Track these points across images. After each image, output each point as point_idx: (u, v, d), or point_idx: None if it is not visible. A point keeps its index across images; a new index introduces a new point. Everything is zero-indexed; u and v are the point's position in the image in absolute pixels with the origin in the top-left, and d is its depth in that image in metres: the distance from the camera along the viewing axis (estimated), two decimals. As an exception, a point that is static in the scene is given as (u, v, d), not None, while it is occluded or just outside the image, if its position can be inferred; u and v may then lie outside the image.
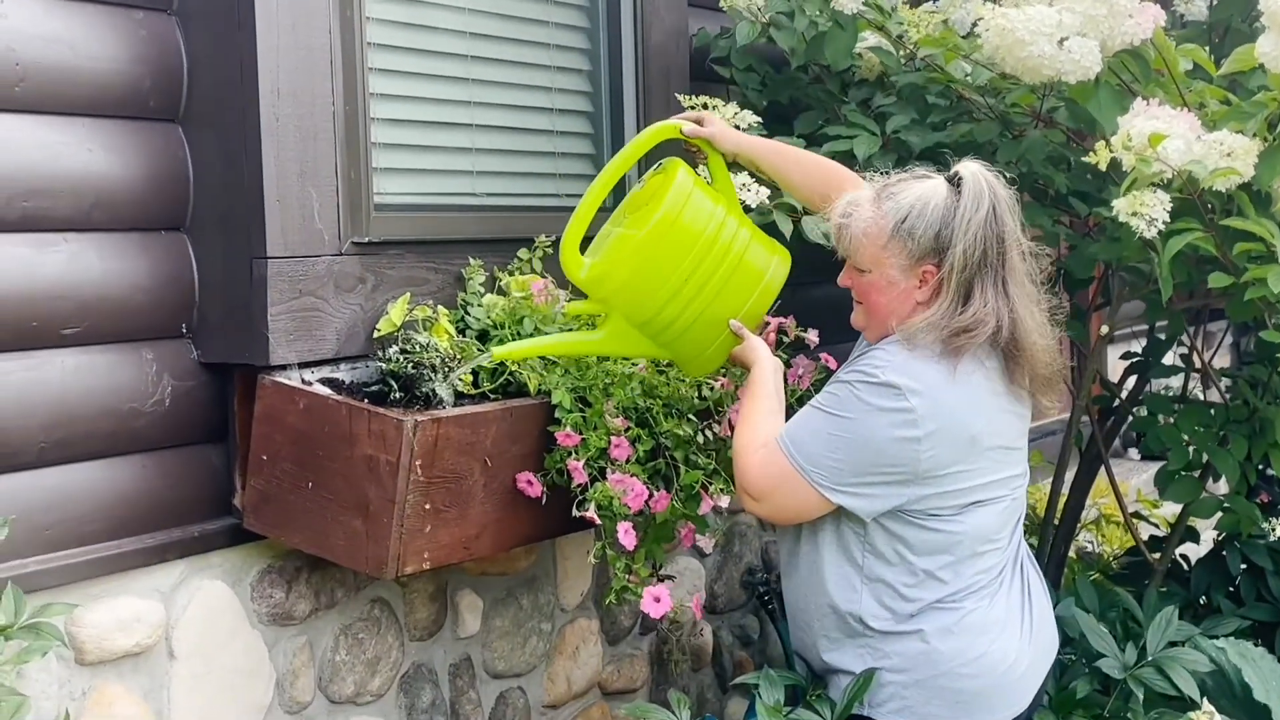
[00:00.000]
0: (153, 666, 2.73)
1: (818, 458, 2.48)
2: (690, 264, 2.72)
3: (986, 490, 2.51)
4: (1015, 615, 2.56)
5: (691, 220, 2.72)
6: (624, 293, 2.74)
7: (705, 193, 2.79)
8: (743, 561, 4.13)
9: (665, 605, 2.85)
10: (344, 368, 2.90)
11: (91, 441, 2.67)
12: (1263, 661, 3.17)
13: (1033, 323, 2.50)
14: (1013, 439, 2.55)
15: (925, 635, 2.50)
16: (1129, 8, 2.89)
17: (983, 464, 2.49)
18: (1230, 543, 4.00)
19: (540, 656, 3.53)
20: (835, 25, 3.35)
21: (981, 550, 2.52)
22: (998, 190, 2.48)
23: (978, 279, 2.45)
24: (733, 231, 2.76)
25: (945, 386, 2.44)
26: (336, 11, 2.86)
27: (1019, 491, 2.60)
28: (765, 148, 2.89)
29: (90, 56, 2.67)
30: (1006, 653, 2.52)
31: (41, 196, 2.59)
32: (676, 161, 2.83)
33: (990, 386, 2.48)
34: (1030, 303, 2.51)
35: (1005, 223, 2.47)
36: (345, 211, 2.89)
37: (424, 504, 2.71)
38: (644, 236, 2.71)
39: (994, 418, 2.49)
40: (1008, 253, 2.47)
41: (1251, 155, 2.68)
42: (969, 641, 2.49)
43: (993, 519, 2.52)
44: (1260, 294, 2.74)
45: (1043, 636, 2.63)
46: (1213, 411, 3.72)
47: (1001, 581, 2.56)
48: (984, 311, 2.44)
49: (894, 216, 2.48)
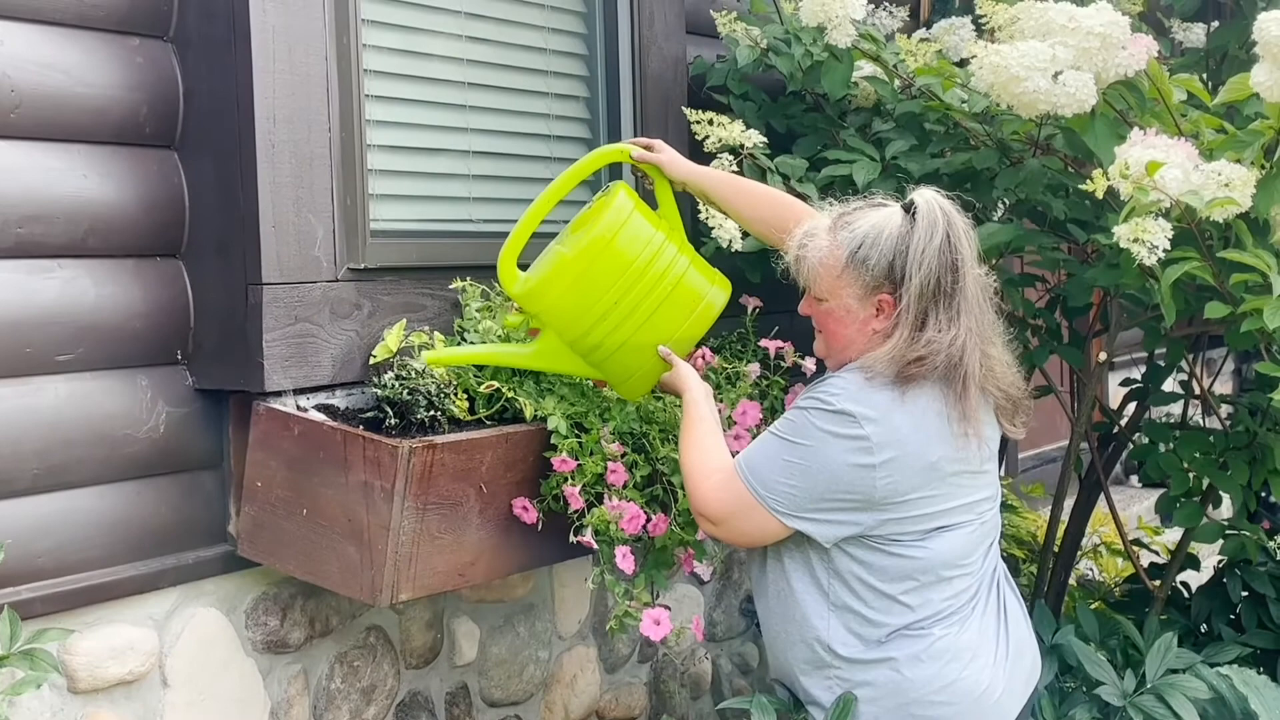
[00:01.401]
0: (146, 695, 2.72)
1: (774, 484, 2.47)
2: (621, 287, 2.76)
3: (951, 515, 2.49)
4: (989, 641, 2.54)
5: (626, 244, 2.76)
6: (555, 310, 2.79)
7: (646, 218, 2.82)
8: (742, 589, 4.11)
9: (665, 628, 2.83)
10: (339, 394, 2.89)
11: (85, 468, 2.66)
12: (1267, 690, 3.15)
13: (992, 349, 2.50)
14: (978, 463, 2.52)
15: (895, 663, 2.48)
16: (1122, 39, 2.89)
17: (945, 489, 2.47)
18: (1231, 570, 3.98)
19: (538, 685, 3.51)
20: (831, 57, 3.36)
21: (949, 575, 2.50)
22: (953, 218, 2.47)
23: (933, 307, 2.44)
24: (670, 258, 2.80)
25: (900, 413, 2.43)
26: (333, 38, 2.87)
27: (989, 515, 2.58)
28: (715, 179, 2.91)
29: (86, 83, 2.67)
30: (980, 679, 2.49)
31: (36, 222, 2.59)
32: (620, 185, 2.87)
33: (949, 413, 2.46)
34: (987, 328, 2.50)
35: (960, 250, 2.45)
36: (341, 237, 2.89)
37: (419, 530, 2.70)
38: (573, 256, 2.77)
39: (955, 443, 2.46)
40: (962, 280, 2.45)
41: (1249, 186, 2.68)
42: (939, 669, 2.47)
43: (960, 543, 2.50)
44: (1257, 325, 2.74)
45: (1022, 661, 2.59)
46: (1212, 438, 3.71)
47: (974, 606, 2.54)
48: (939, 339, 2.43)
49: (848, 246, 2.49)
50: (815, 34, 3.37)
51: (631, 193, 2.86)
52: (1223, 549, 3.84)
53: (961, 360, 2.44)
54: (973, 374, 2.45)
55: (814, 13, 3.31)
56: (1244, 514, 3.66)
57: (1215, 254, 2.79)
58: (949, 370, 2.44)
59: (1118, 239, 2.70)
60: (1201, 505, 3.72)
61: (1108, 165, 2.80)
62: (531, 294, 2.80)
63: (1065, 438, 4.54)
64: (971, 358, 2.45)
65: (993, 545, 2.62)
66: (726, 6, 3.69)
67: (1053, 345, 3.63)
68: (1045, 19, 2.94)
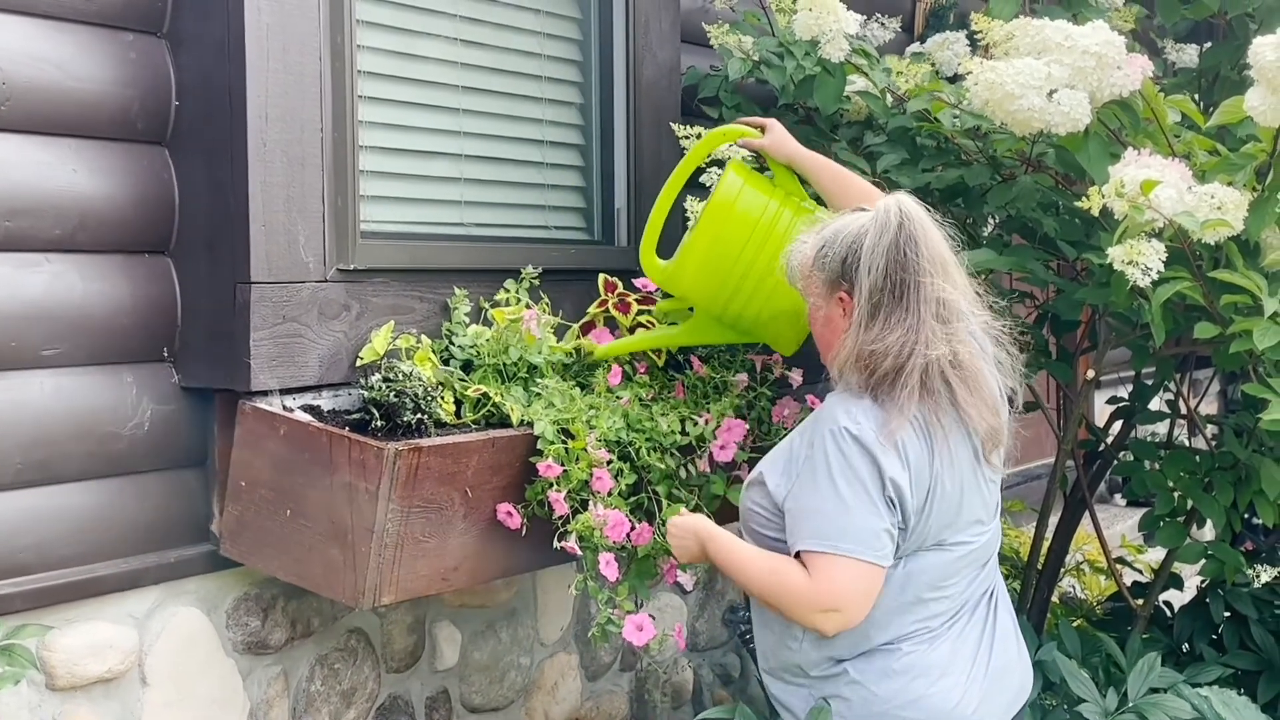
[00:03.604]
0: (124, 694, 2.71)
1: (845, 529, 2.36)
2: (748, 255, 2.96)
3: (937, 535, 2.46)
4: (963, 660, 2.50)
5: (745, 209, 2.97)
6: (695, 288, 3.06)
7: (760, 187, 3.01)
8: (724, 600, 4.11)
9: (648, 634, 2.83)
10: (326, 395, 2.88)
11: (69, 464, 2.65)
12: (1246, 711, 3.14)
13: (967, 360, 2.44)
14: (968, 486, 2.48)
15: (865, 677, 2.47)
16: (1117, 59, 2.89)
17: (941, 507, 2.45)
18: (1214, 590, 3.99)
19: (518, 691, 3.50)
20: (824, 72, 3.36)
21: (928, 597, 2.48)
22: (914, 220, 2.45)
23: (884, 305, 2.42)
24: (788, 221, 2.95)
25: (900, 429, 2.38)
26: (327, 38, 2.86)
27: (982, 539, 2.54)
28: (816, 163, 3.03)
29: (78, 77, 2.66)
30: (949, 696, 2.47)
31: (25, 216, 2.58)
32: (731, 163, 3.09)
33: (957, 439, 2.44)
34: (954, 339, 2.44)
35: (916, 250, 2.42)
36: (331, 238, 2.88)
37: (403, 533, 2.69)
38: (696, 234, 3.01)
39: (945, 461, 2.43)
40: (916, 279, 2.42)
41: (1242, 209, 2.69)
42: (905, 684, 2.46)
43: (941, 565, 2.48)
44: (1246, 346, 2.74)
45: (1004, 682, 2.56)
46: (1198, 458, 3.71)
47: (952, 626, 2.50)
48: (890, 339, 2.39)
49: (816, 246, 2.54)
50: (808, 47, 3.37)
51: (741, 167, 3.06)
52: (1203, 570, 3.84)
53: (911, 361, 2.38)
54: (935, 376, 2.40)
55: (808, 26, 3.31)
56: (1227, 536, 3.66)
57: (1206, 274, 2.79)
58: (926, 381, 2.41)
59: (1112, 260, 2.70)
60: (1185, 525, 3.72)
61: (1101, 184, 2.80)
62: (672, 278, 3.08)
63: (1051, 454, 4.55)
64: (932, 361, 2.39)
65: (984, 567, 2.58)
66: (721, 17, 3.69)
67: (1041, 361, 3.63)
68: (1041, 37, 2.94)
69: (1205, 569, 3.77)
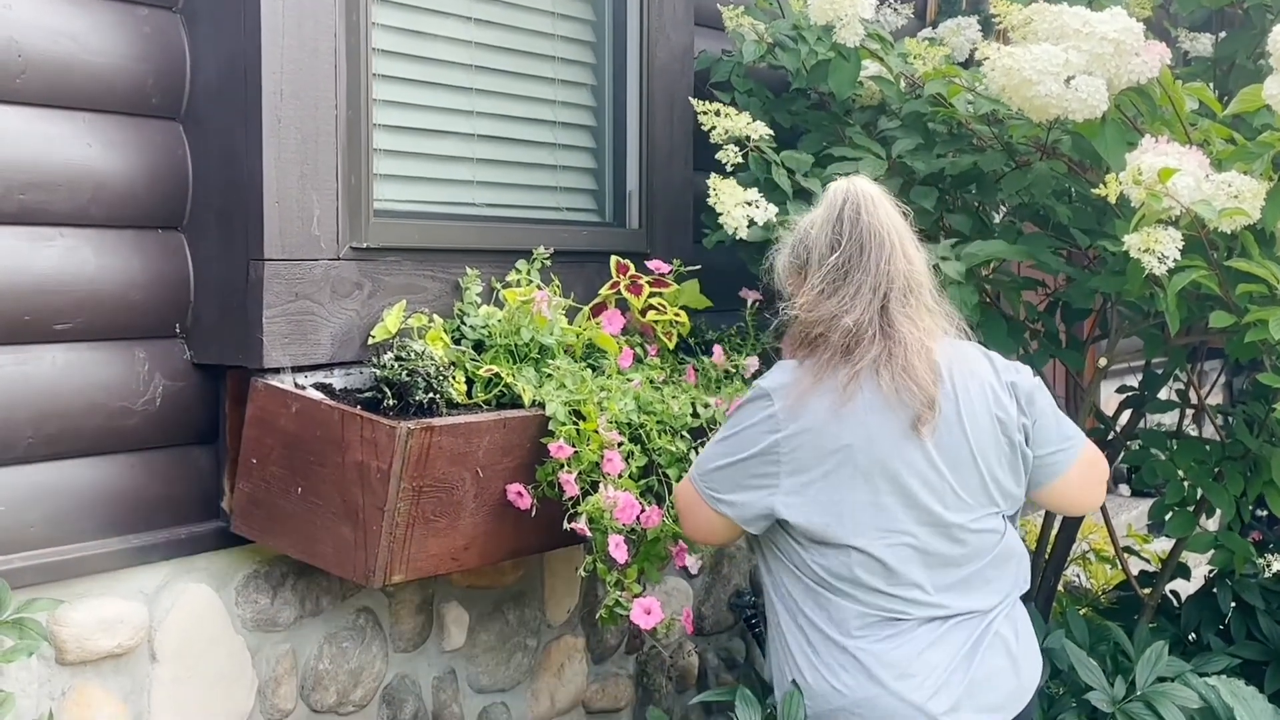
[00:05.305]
0: (134, 669, 2.70)
1: (709, 473, 2.58)
2: None
3: (872, 519, 2.45)
4: (935, 668, 2.46)
5: None
6: None
7: None
8: (730, 584, 4.10)
9: (656, 617, 2.83)
10: (338, 373, 2.88)
11: (80, 438, 2.64)
12: (1254, 701, 3.14)
13: (912, 341, 2.44)
14: (918, 477, 2.45)
15: (827, 668, 2.49)
16: (1135, 46, 2.88)
17: (865, 486, 2.44)
18: (1221, 580, 3.98)
19: (525, 672, 3.50)
20: (838, 56, 3.35)
21: (879, 588, 2.46)
22: (861, 195, 2.49)
23: (827, 279, 2.47)
24: None
25: (811, 391, 2.45)
26: (343, 16, 2.85)
27: (928, 541, 2.48)
28: None
29: (93, 51, 2.65)
30: (910, 699, 2.44)
31: (39, 189, 2.57)
32: None
33: (875, 405, 2.43)
34: (891, 309, 2.45)
35: (857, 224, 2.46)
36: (345, 216, 2.87)
37: (414, 513, 2.68)
38: None
39: (882, 440, 2.43)
40: (863, 255, 2.46)
41: (1259, 198, 2.68)
42: (861, 680, 2.46)
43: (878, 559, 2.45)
44: (1261, 336, 2.73)
45: (982, 696, 2.49)
46: (1208, 448, 3.71)
47: (920, 626, 2.48)
48: (824, 308, 2.45)
49: (788, 245, 2.61)
50: (822, 31, 3.35)
51: None
52: (1212, 560, 3.84)
53: (838, 324, 2.44)
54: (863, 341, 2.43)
55: (823, 10, 3.29)
56: (1236, 526, 3.66)
57: (1222, 263, 2.78)
58: (874, 361, 2.42)
59: (1128, 248, 2.70)
60: (1194, 515, 3.72)
61: (1117, 171, 2.79)
62: None
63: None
64: (862, 325, 2.43)
65: (966, 581, 2.52)
66: (734, 1, 3.67)
67: (1052, 349, 3.62)
68: (1059, 22, 2.93)
69: (1215, 559, 3.77)
